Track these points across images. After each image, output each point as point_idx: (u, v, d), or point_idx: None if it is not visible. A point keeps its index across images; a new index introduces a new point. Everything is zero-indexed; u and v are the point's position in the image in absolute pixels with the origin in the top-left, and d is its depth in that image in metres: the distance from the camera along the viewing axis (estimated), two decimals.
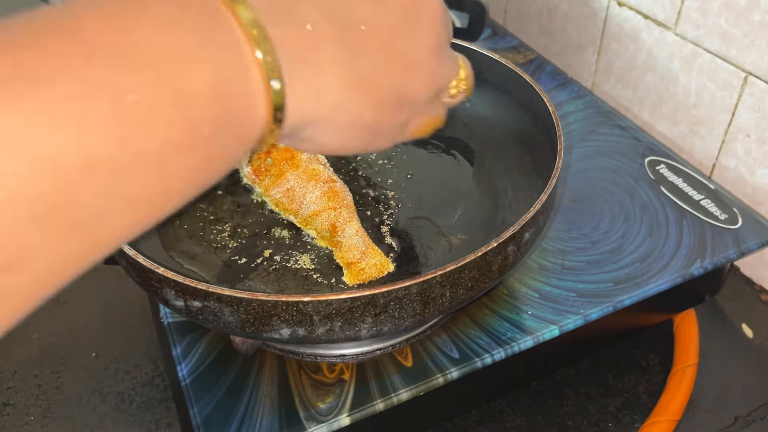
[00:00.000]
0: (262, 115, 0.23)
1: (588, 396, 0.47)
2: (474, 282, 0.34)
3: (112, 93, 0.19)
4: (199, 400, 0.38)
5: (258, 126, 0.24)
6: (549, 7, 0.75)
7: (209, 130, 0.21)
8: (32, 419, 0.47)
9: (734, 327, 0.52)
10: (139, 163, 0.20)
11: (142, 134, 0.20)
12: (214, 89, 0.21)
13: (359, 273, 0.40)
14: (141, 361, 0.50)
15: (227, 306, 0.32)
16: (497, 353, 0.40)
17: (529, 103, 0.46)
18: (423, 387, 0.39)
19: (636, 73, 0.64)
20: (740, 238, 0.47)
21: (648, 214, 0.50)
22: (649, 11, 0.61)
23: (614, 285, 0.44)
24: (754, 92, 0.53)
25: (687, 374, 0.47)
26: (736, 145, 0.56)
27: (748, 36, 0.52)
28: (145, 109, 0.20)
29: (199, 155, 0.22)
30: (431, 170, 0.46)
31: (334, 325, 0.32)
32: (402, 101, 0.28)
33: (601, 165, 0.55)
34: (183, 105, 0.21)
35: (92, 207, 0.19)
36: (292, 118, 0.25)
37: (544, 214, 0.37)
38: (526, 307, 0.43)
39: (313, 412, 0.37)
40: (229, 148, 0.23)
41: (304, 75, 0.25)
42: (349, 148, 0.29)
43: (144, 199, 0.21)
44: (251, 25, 0.23)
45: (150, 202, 0.21)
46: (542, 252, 0.47)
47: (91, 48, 0.19)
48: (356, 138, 0.28)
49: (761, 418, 0.46)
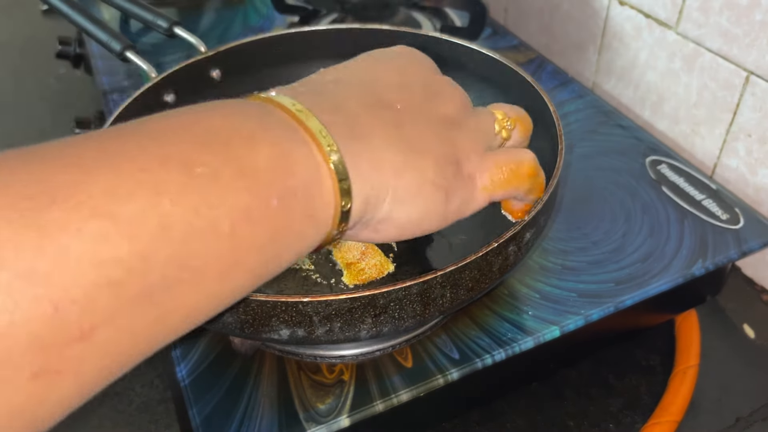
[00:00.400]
0: (329, 189, 0.24)
1: (589, 397, 0.47)
2: (474, 282, 0.34)
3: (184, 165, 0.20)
4: (199, 401, 0.38)
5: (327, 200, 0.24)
6: (550, 6, 0.75)
7: (276, 201, 0.22)
8: None
9: (736, 327, 0.52)
10: (209, 229, 0.20)
11: (213, 202, 0.20)
12: (276, 162, 0.23)
13: (359, 273, 0.39)
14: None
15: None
16: (498, 354, 0.40)
17: (530, 103, 0.46)
18: (423, 388, 0.39)
19: (637, 73, 0.64)
20: (742, 238, 0.47)
21: (649, 213, 0.49)
22: (651, 10, 0.60)
23: (615, 285, 0.44)
24: (756, 92, 0.52)
25: (688, 375, 0.47)
26: (737, 145, 0.55)
27: (749, 35, 0.52)
28: (213, 179, 0.21)
29: (269, 228, 0.22)
30: None
31: (334, 325, 0.32)
32: (457, 156, 0.30)
33: (602, 165, 0.54)
34: (248, 177, 0.22)
35: (165, 274, 0.19)
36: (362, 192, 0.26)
37: (545, 214, 0.37)
38: (526, 307, 0.43)
39: (313, 413, 0.37)
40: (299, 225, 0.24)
41: (361, 150, 0.26)
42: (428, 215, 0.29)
43: (215, 272, 0.21)
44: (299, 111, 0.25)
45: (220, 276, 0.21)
46: (543, 252, 0.47)
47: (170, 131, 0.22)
48: (431, 201, 0.28)
49: (762, 419, 0.45)
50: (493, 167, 0.31)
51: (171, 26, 0.56)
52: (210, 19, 0.78)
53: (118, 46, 0.51)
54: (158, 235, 0.19)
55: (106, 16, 0.76)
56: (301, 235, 0.24)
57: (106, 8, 0.75)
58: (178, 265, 0.19)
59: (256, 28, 0.76)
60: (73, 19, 0.53)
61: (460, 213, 0.31)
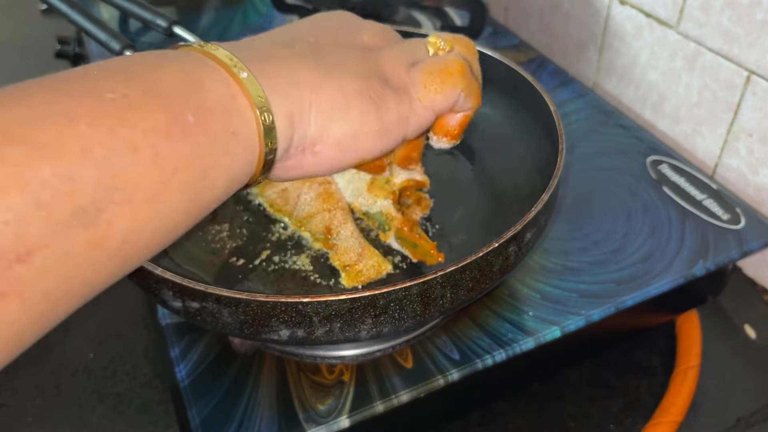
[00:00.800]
0: (244, 105, 0.25)
1: (590, 397, 0.47)
2: (475, 282, 0.34)
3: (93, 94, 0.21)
4: (198, 402, 0.38)
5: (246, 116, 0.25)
6: (550, 6, 0.75)
7: (192, 117, 0.23)
8: (30, 420, 0.46)
9: (737, 328, 0.52)
10: (129, 148, 0.21)
11: (127, 121, 0.21)
12: (186, 83, 0.23)
13: (357, 275, 0.39)
14: (139, 363, 0.50)
15: (226, 307, 0.32)
16: (498, 354, 0.40)
17: (531, 102, 0.46)
18: (423, 388, 0.38)
19: (638, 72, 0.64)
20: (743, 238, 0.47)
21: (650, 214, 0.49)
22: (651, 10, 0.60)
23: (616, 285, 0.44)
24: (757, 91, 0.52)
25: (689, 375, 0.47)
26: (738, 145, 0.55)
27: (750, 35, 0.51)
28: (125, 102, 0.21)
29: (191, 144, 0.23)
30: (431, 170, 0.46)
31: (334, 326, 0.32)
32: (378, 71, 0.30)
33: (603, 164, 0.54)
34: (159, 96, 0.22)
35: (94, 197, 0.20)
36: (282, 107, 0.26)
37: (545, 214, 0.37)
38: (527, 307, 0.43)
39: (313, 414, 0.37)
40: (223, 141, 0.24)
41: (274, 70, 0.27)
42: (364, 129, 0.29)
43: (144, 193, 0.21)
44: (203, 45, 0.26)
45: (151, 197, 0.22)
46: (543, 252, 0.47)
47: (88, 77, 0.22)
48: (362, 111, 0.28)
49: (763, 420, 0.45)
50: (423, 75, 0.31)
51: (170, 25, 0.56)
52: (209, 18, 0.78)
53: (118, 45, 0.51)
54: (80, 155, 0.20)
55: (106, 15, 0.76)
56: (228, 152, 0.24)
57: (105, 8, 0.75)
58: (105, 187, 0.20)
59: (256, 28, 0.76)
60: (73, 18, 0.53)
61: (403, 128, 0.31)
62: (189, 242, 0.43)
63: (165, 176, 0.22)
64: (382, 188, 0.41)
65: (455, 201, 0.45)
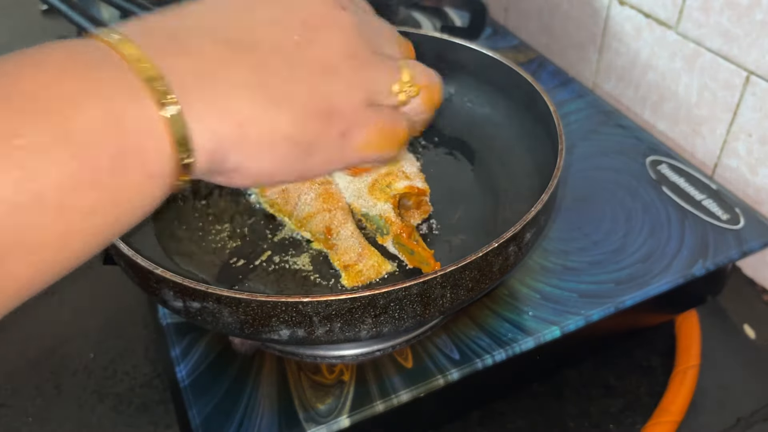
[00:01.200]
0: (165, 145, 0.23)
1: (589, 397, 0.47)
2: (475, 282, 0.34)
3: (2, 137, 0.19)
4: (198, 402, 0.38)
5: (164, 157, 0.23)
6: (550, 6, 0.75)
7: (107, 164, 0.21)
8: (30, 420, 0.46)
9: (736, 328, 0.52)
10: (36, 205, 0.20)
11: (35, 174, 0.19)
12: (105, 122, 0.21)
13: (357, 275, 0.39)
14: (139, 363, 0.50)
15: (226, 307, 0.32)
16: (498, 354, 0.40)
17: (530, 103, 0.46)
18: (423, 388, 0.38)
19: (637, 73, 0.64)
20: (742, 238, 0.47)
21: (649, 214, 0.49)
22: (651, 10, 0.60)
23: (616, 285, 0.44)
24: (756, 91, 0.52)
25: (689, 375, 0.47)
26: (738, 145, 0.55)
27: (749, 35, 0.52)
28: (34, 151, 0.20)
29: (103, 193, 0.21)
30: (431, 170, 0.46)
31: (334, 326, 0.32)
32: (325, 109, 0.27)
33: (603, 165, 0.54)
34: (73, 142, 0.20)
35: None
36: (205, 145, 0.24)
37: (545, 214, 0.37)
38: (527, 307, 0.43)
39: (313, 414, 0.37)
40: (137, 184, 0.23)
41: (206, 98, 0.24)
42: (283, 169, 0.27)
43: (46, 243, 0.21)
44: (137, 60, 0.23)
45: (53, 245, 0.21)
46: (543, 252, 0.47)
47: None
48: (287, 156, 0.26)
49: (763, 420, 0.45)
50: (371, 127, 0.29)
51: None
52: None
53: None
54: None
55: (106, 15, 0.76)
56: (141, 194, 0.23)
57: (105, 8, 0.75)
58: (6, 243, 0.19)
59: None
60: (73, 18, 0.53)
61: (326, 169, 0.29)
62: (190, 242, 0.43)
63: (72, 227, 0.21)
64: (383, 191, 0.41)
65: (455, 201, 0.46)
